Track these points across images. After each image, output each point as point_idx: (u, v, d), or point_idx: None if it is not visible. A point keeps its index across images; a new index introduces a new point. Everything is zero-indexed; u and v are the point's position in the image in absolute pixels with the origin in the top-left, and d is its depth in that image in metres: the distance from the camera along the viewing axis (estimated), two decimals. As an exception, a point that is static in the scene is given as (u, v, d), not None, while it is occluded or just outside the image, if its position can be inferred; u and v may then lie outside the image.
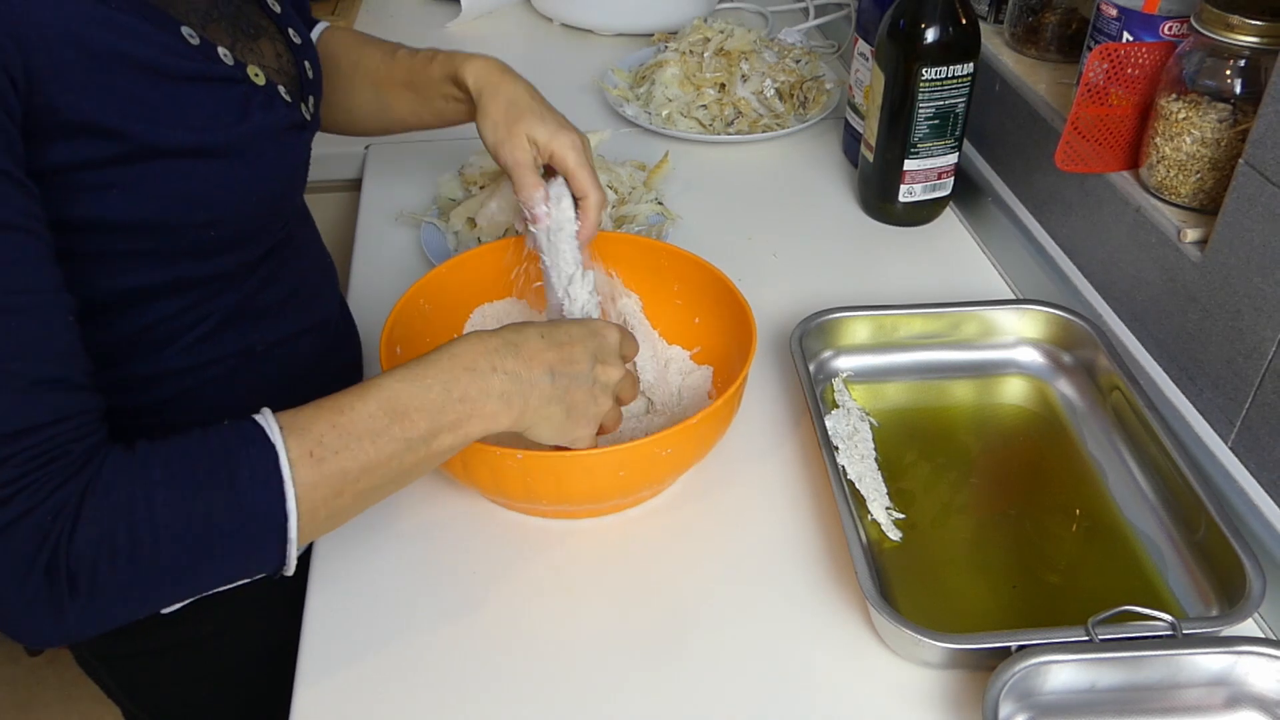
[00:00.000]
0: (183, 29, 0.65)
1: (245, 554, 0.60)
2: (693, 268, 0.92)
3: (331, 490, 0.61)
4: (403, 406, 0.63)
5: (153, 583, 0.59)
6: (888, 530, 0.81)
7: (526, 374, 0.67)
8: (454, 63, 0.89)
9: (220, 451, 0.59)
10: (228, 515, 0.58)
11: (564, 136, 0.85)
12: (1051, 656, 0.66)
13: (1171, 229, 0.86)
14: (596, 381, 0.71)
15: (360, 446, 0.62)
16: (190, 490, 0.58)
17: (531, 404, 0.67)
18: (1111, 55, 0.87)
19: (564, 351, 0.69)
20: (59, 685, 1.95)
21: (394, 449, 0.63)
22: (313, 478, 0.60)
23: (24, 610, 0.56)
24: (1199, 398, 0.85)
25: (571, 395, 0.69)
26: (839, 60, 1.55)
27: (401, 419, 0.63)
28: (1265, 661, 0.67)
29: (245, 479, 0.59)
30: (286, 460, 0.59)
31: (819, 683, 0.72)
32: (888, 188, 1.14)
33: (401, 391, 0.63)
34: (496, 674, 0.72)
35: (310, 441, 0.60)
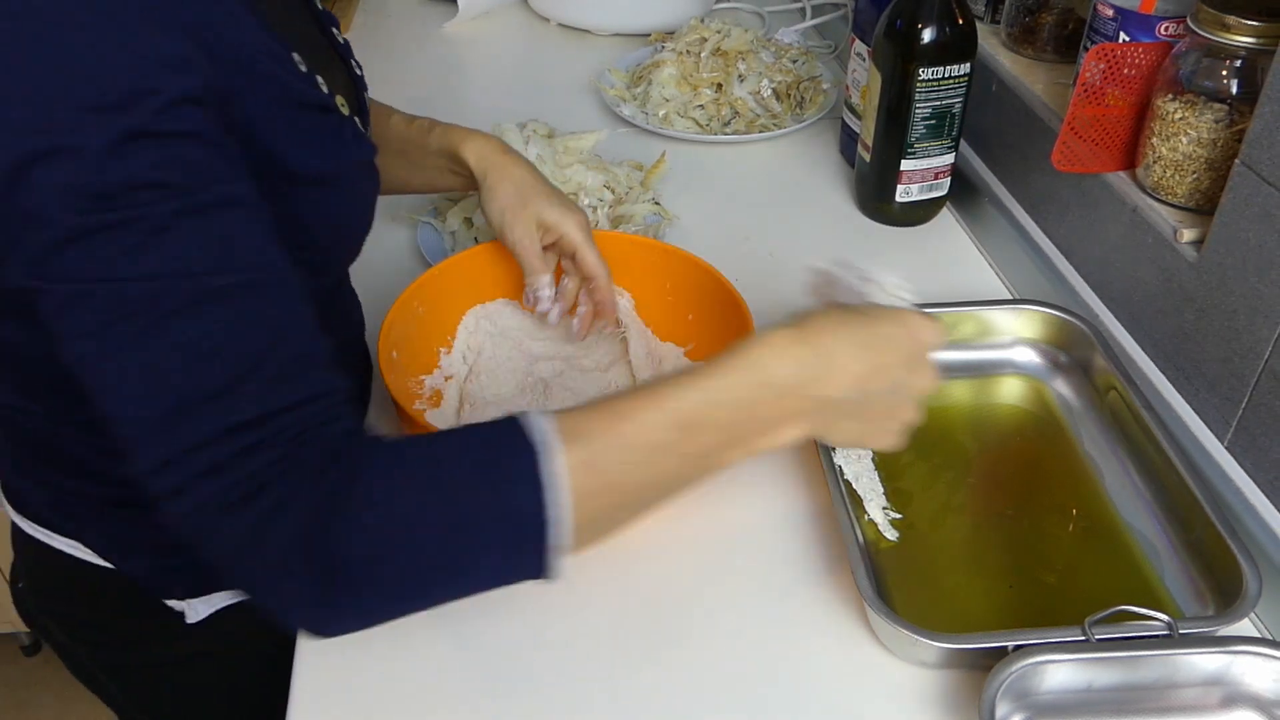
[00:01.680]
0: (294, 54, 0.64)
1: (511, 559, 0.57)
2: (686, 265, 0.92)
3: (606, 502, 0.58)
4: (692, 421, 0.59)
5: (419, 581, 0.56)
6: (884, 530, 0.81)
7: (830, 391, 0.61)
8: (452, 139, 0.90)
9: (493, 453, 0.56)
10: (497, 519, 0.56)
11: (570, 219, 0.86)
12: (1048, 656, 0.66)
13: (1168, 229, 0.86)
14: (902, 393, 0.65)
15: (641, 460, 0.58)
16: (460, 489, 0.55)
17: (827, 418, 0.63)
18: (1108, 55, 0.88)
19: (874, 363, 0.63)
20: (57, 685, 1.95)
21: (674, 464, 0.59)
22: (588, 487, 0.56)
23: (293, 599, 0.55)
24: (1195, 398, 0.85)
25: (873, 410, 0.64)
26: (836, 60, 1.55)
27: (689, 434, 0.59)
28: (1261, 661, 0.67)
29: (518, 483, 0.55)
30: (565, 467, 0.55)
31: (815, 682, 0.72)
32: (885, 188, 1.14)
33: (693, 404, 0.59)
34: (494, 675, 0.72)
35: (591, 450, 0.56)
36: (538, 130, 1.16)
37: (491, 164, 0.88)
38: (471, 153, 0.88)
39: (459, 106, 1.45)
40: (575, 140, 1.17)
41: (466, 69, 1.56)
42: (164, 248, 0.51)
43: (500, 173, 0.87)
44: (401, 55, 1.57)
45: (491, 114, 1.22)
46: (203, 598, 0.80)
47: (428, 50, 1.59)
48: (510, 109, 1.31)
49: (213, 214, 0.53)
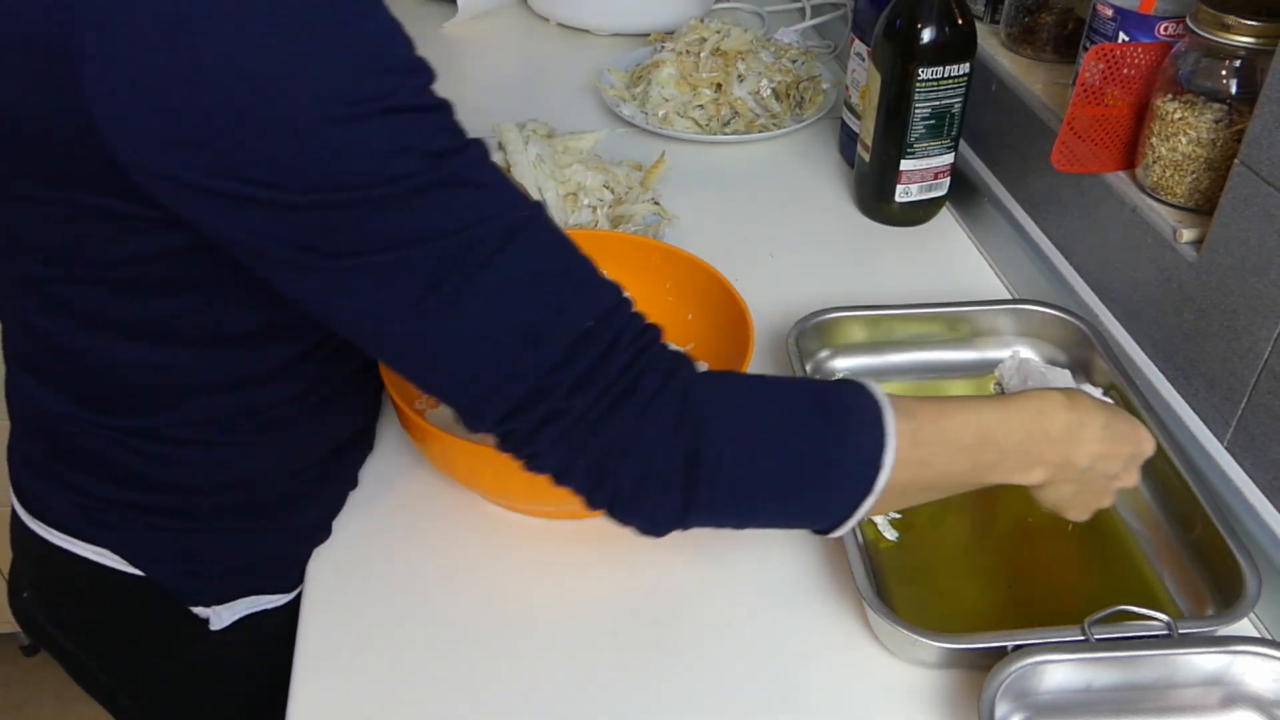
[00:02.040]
0: None
1: (832, 499, 0.63)
2: (685, 265, 0.92)
3: (911, 475, 0.63)
4: (988, 436, 0.65)
5: (761, 493, 0.62)
6: (884, 530, 0.81)
7: (1076, 457, 0.68)
8: None
9: (834, 401, 0.63)
10: (835, 457, 0.61)
11: None
12: (1047, 656, 0.66)
13: (1167, 229, 0.86)
14: (1115, 482, 0.72)
15: (946, 450, 0.64)
16: (810, 421, 0.62)
17: (1060, 478, 0.69)
18: (1107, 55, 0.88)
19: (1111, 450, 0.69)
20: (55, 685, 1.95)
21: (965, 466, 0.66)
22: (904, 457, 0.62)
23: (661, 490, 0.59)
24: (1195, 398, 0.85)
25: (1091, 485, 0.71)
26: (835, 60, 1.55)
27: (983, 445, 0.65)
28: (1261, 661, 0.67)
29: (856, 431, 0.61)
30: (894, 428, 0.62)
31: (815, 682, 0.72)
32: (884, 188, 1.14)
33: (992, 423, 0.66)
34: (493, 673, 0.72)
35: (914, 426, 0.63)
36: (537, 130, 1.16)
37: None
38: None
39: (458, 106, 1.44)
40: (575, 140, 1.17)
41: (466, 69, 1.56)
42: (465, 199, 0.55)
43: None
44: (401, 55, 1.57)
45: (491, 114, 1.22)
46: (228, 604, 0.80)
47: (427, 50, 1.57)
48: (509, 108, 1.30)
49: (483, 165, 0.57)
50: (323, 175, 0.51)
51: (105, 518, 0.75)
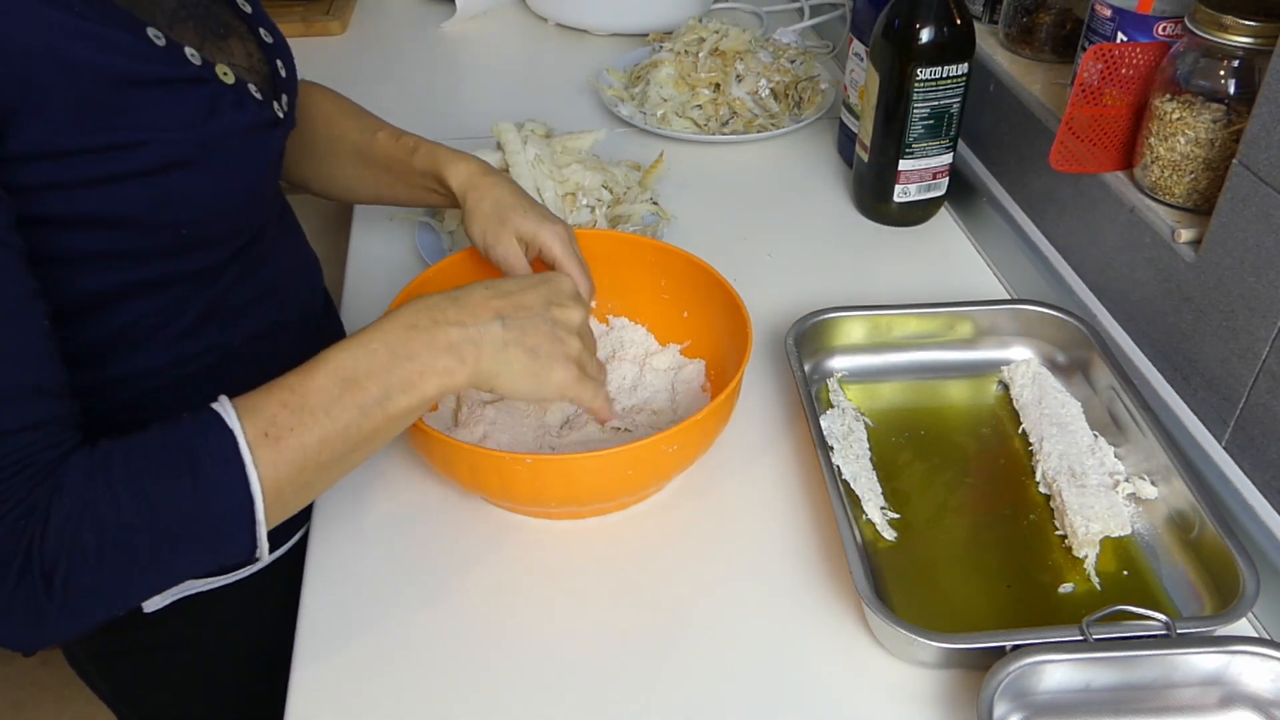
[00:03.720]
0: (148, 30, 0.64)
1: (215, 542, 0.61)
2: (683, 264, 0.92)
3: (293, 467, 0.61)
4: (351, 374, 0.63)
5: (125, 578, 0.59)
6: (882, 530, 0.81)
7: (473, 322, 0.66)
8: (436, 161, 0.91)
9: (180, 442, 0.59)
10: (193, 505, 0.59)
11: (548, 229, 0.86)
12: (1046, 656, 0.66)
13: (1166, 229, 0.86)
14: (555, 322, 0.70)
15: (315, 419, 0.61)
16: (153, 483, 0.58)
17: (486, 352, 0.66)
18: (1106, 55, 0.88)
19: (512, 299, 0.68)
20: (53, 685, 1.95)
21: (349, 417, 0.63)
22: (271, 457, 0.60)
23: (4, 614, 0.56)
24: (1193, 397, 0.85)
25: (529, 338, 0.68)
26: (834, 60, 1.55)
27: (352, 386, 0.63)
28: (1259, 661, 0.67)
29: (206, 466, 0.59)
30: (245, 443, 0.59)
31: (813, 682, 0.72)
32: (883, 188, 1.14)
33: (347, 360, 0.63)
34: (493, 674, 0.72)
35: (264, 422, 0.60)
36: (535, 130, 1.16)
37: (471, 186, 0.89)
38: (453, 175, 0.90)
39: (457, 106, 1.45)
40: (573, 140, 1.17)
41: (464, 69, 1.56)
42: None
43: (479, 194, 0.88)
44: (399, 55, 1.57)
45: (489, 114, 1.22)
46: None
47: (425, 50, 1.59)
48: (508, 109, 1.31)
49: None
50: None
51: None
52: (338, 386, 0.62)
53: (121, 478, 0.58)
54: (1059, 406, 0.89)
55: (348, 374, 0.63)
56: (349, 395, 0.63)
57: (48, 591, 0.56)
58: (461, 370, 0.66)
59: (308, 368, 0.63)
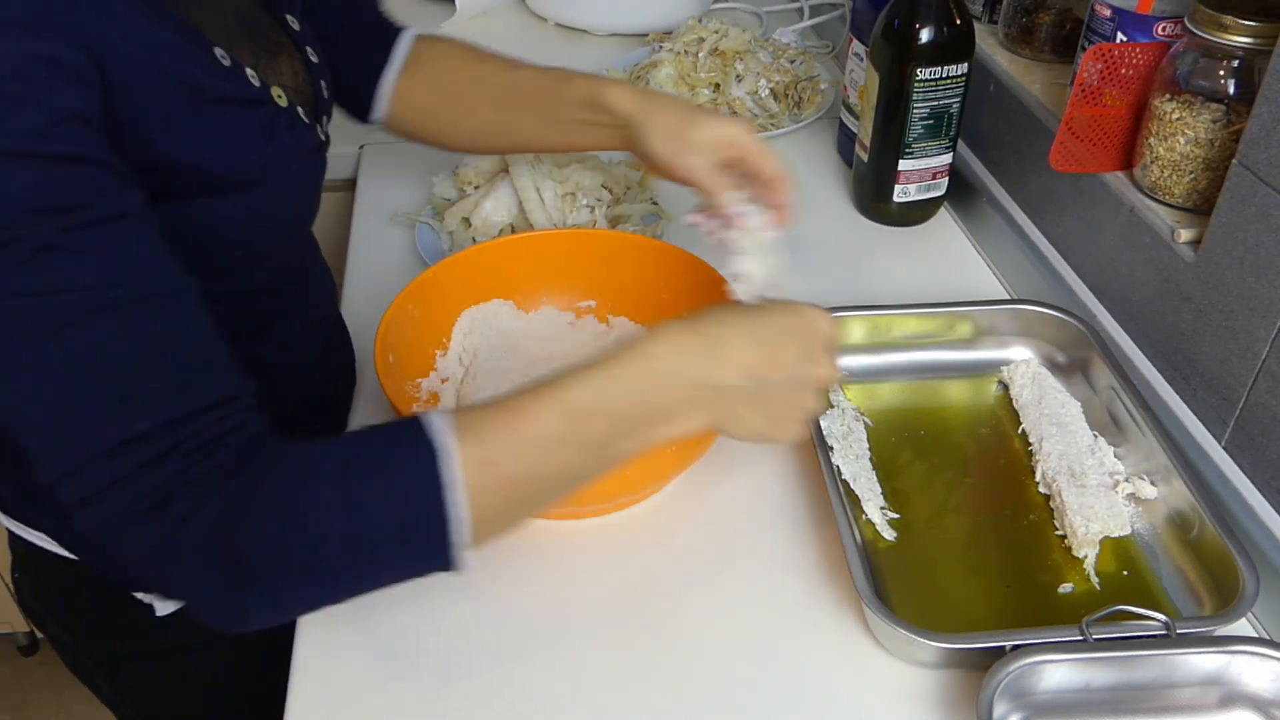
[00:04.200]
0: (215, 49, 0.63)
1: (415, 557, 0.59)
2: (683, 264, 0.92)
3: (505, 497, 0.59)
4: (585, 411, 0.60)
5: (323, 581, 0.59)
6: (882, 530, 0.81)
7: (722, 378, 0.62)
8: (595, 87, 0.86)
9: (392, 455, 0.58)
10: (398, 520, 0.57)
11: (730, 126, 0.82)
12: (1046, 656, 0.66)
13: (1165, 229, 0.86)
14: (803, 384, 0.66)
15: (537, 453, 0.59)
16: (361, 493, 0.57)
17: (725, 408, 0.63)
18: (1105, 55, 0.88)
19: (769, 352, 0.64)
20: (54, 685, 1.95)
21: (570, 456, 0.60)
22: (486, 484, 0.58)
23: (208, 601, 0.57)
24: (1193, 397, 0.85)
25: (772, 398, 0.65)
26: (834, 60, 1.55)
27: (581, 423, 0.60)
28: (1259, 661, 0.67)
29: (417, 485, 0.57)
30: (459, 466, 0.57)
31: (813, 682, 0.72)
32: (882, 188, 1.14)
33: (585, 397, 0.60)
34: (492, 674, 0.72)
35: (486, 447, 0.58)
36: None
37: (641, 106, 0.84)
38: (617, 97, 0.84)
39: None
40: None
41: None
42: (52, 264, 0.52)
43: (651, 110, 0.84)
44: (399, 55, 1.57)
45: (489, 114, 1.22)
46: None
47: None
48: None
49: (100, 229, 0.53)
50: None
51: (41, 504, 0.76)
52: (565, 422, 0.59)
53: (331, 482, 0.57)
54: (1059, 406, 0.89)
55: (578, 410, 0.60)
56: (575, 432, 0.60)
57: (249, 584, 0.56)
58: (695, 422, 0.63)
59: (539, 395, 0.60)
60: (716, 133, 0.82)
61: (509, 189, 1.09)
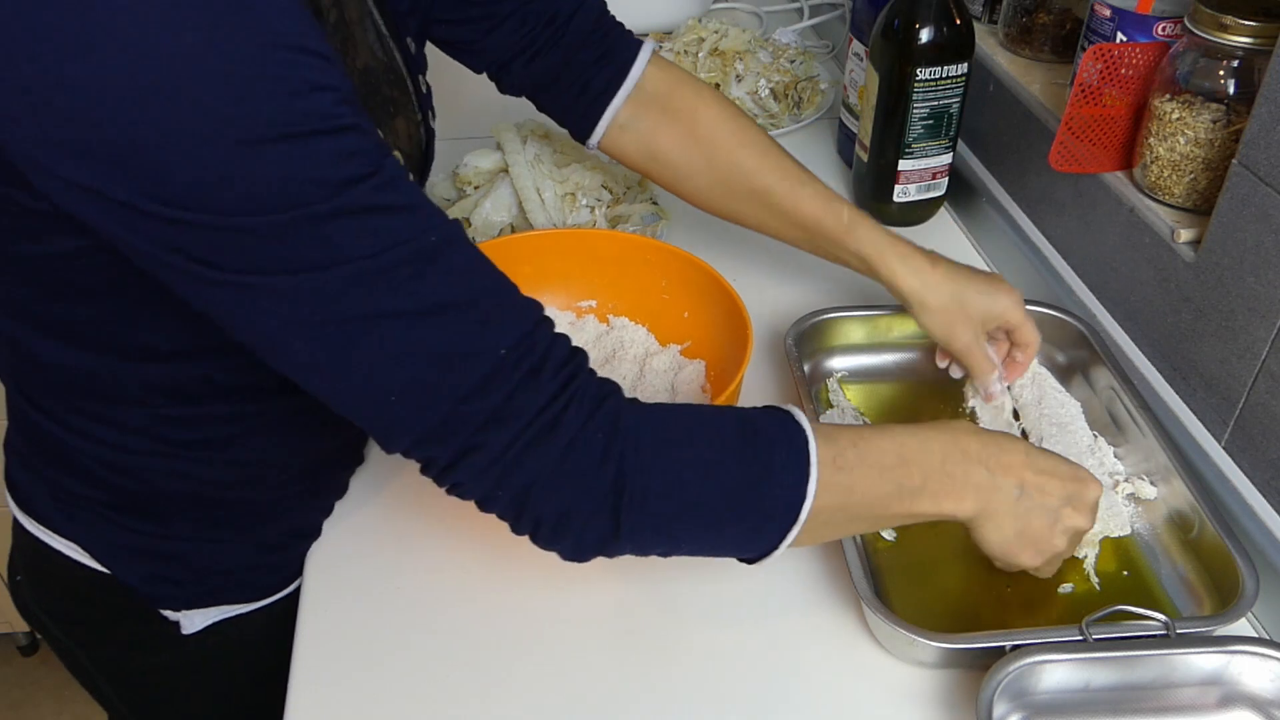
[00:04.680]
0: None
1: (749, 535, 0.63)
2: (682, 264, 0.92)
3: (836, 501, 0.63)
4: (908, 456, 0.65)
5: (686, 526, 0.61)
6: (882, 530, 0.81)
7: (999, 475, 0.68)
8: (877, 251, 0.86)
9: (758, 431, 0.62)
10: (755, 491, 0.61)
11: (1006, 300, 0.85)
12: (1046, 656, 0.66)
13: (1165, 229, 0.86)
14: (1061, 521, 0.70)
15: (870, 473, 0.64)
16: (735, 453, 0.61)
17: (993, 507, 0.68)
18: (1105, 56, 0.88)
19: (1040, 478, 0.69)
20: (54, 685, 1.95)
21: (890, 489, 0.65)
22: (828, 482, 0.62)
23: (586, 520, 0.59)
24: (1192, 397, 0.85)
25: (1031, 520, 0.69)
26: (833, 60, 1.55)
27: (903, 466, 0.65)
28: (1259, 661, 0.67)
29: (780, 461, 0.61)
30: (816, 454, 0.62)
31: (813, 682, 0.72)
32: (882, 188, 1.14)
33: (910, 444, 0.66)
34: (491, 675, 0.72)
35: (835, 450, 0.63)
36: (535, 131, 1.16)
37: (920, 284, 0.86)
38: (902, 277, 0.86)
39: (457, 106, 1.44)
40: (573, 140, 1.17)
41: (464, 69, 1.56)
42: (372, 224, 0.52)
43: (931, 290, 0.86)
44: (399, 55, 1.57)
45: (489, 114, 1.22)
46: (199, 610, 0.80)
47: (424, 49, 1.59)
48: (508, 109, 1.30)
49: (395, 186, 0.54)
50: (215, 197, 0.49)
51: (77, 513, 0.76)
52: (895, 459, 0.65)
53: (704, 438, 0.61)
54: (1058, 406, 0.89)
55: (906, 454, 0.65)
56: (898, 471, 0.65)
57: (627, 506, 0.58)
58: (971, 506, 0.67)
59: (877, 429, 0.67)
60: (986, 312, 0.86)
61: (509, 189, 1.09)
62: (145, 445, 0.70)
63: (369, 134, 0.54)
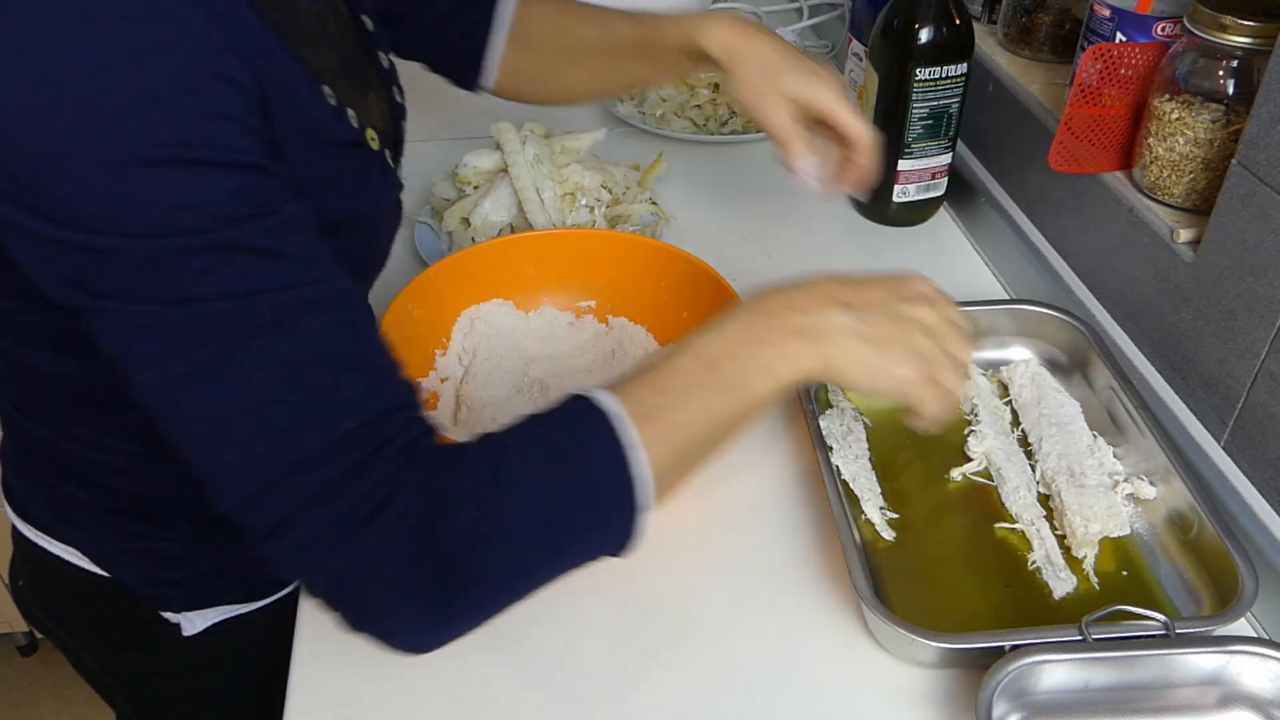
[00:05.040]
0: (323, 88, 0.62)
1: (603, 529, 0.60)
2: (682, 264, 0.92)
3: (669, 447, 0.60)
4: (712, 357, 0.63)
5: (524, 564, 0.58)
6: (882, 530, 0.81)
7: (817, 309, 0.64)
8: (691, 34, 0.87)
9: (565, 427, 0.59)
10: (586, 486, 0.58)
11: (820, 85, 0.84)
12: (1045, 656, 0.66)
13: (1164, 229, 0.86)
14: (903, 316, 0.66)
15: (685, 400, 0.61)
16: (547, 467, 0.58)
17: (831, 338, 0.64)
18: (1105, 56, 0.88)
19: (857, 289, 0.66)
20: (53, 686, 1.95)
21: (715, 399, 0.62)
22: (650, 438, 0.59)
23: (413, 612, 0.56)
24: (1192, 397, 0.85)
25: (875, 328, 0.65)
26: (833, 60, 1.55)
27: (713, 369, 0.62)
28: (1258, 661, 0.67)
29: (597, 449, 0.58)
30: (630, 424, 0.59)
31: (812, 682, 0.72)
32: (882, 188, 1.14)
33: (706, 344, 0.63)
34: (491, 675, 0.72)
35: (639, 404, 0.60)
36: (535, 130, 1.16)
37: (732, 51, 0.86)
38: (713, 44, 0.86)
39: (456, 106, 1.44)
40: (572, 140, 1.17)
41: (463, 69, 1.56)
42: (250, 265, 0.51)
43: (741, 57, 0.85)
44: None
45: (489, 114, 1.22)
46: (199, 611, 0.80)
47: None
48: (508, 109, 1.30)
49: (284, 233, 0.53)
50: (92, 217, 0.48)
51: (75, 518, 0.76)
52: (700, 369, 0.62)
53: (518, 461, 0.57)
54: (1058, 406, 0.89)
55: (708, 358, 0.62)
56: (711, 377, 0.62)
57: (453, 584, 0.55)
58: (809, 356, 0.64)
59: (669, 353, 0.63)
60: (796, 90, 0.84)
61: (508, 189, 1.09)
62: (141, 449, 0.70)
63: (271, 175, 0.53)
